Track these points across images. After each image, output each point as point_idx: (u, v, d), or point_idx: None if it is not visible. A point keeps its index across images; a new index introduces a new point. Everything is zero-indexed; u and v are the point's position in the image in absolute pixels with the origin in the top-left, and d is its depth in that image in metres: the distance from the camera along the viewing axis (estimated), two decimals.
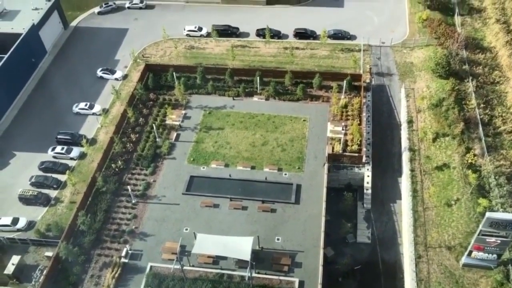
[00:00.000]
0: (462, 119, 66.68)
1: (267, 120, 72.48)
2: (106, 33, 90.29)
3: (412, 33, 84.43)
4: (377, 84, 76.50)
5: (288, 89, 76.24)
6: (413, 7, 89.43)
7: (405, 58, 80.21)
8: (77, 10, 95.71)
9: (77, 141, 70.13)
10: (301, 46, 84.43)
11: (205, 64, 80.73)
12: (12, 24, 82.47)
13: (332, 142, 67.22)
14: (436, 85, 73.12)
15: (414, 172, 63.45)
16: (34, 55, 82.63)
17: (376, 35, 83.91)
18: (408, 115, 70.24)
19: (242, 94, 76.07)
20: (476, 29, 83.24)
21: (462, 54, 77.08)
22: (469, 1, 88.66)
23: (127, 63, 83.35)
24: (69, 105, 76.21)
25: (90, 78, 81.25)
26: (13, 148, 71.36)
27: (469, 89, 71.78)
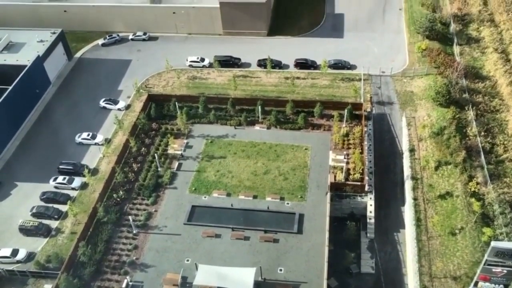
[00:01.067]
0: (463, 147, 66.71)
1: (268, 149, 72.60)
2: (110, 64, 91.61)
3: (411, 62, 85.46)
4: (378, 113, 76.93)
5: (290, 118, 76.68)
6: (412, 37, 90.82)
7: (405, 87, 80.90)
8: (81, 42, 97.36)
9: (79, 171, 70.15)
10: (302, 76, 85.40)
11: (207, 94, 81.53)
12: (18, 56, 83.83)
13: (334, 171, 67.08)
14: (437, 114, 73.47)
15: (417, 201, 63.03)
16: (38, 86, 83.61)
17: (376, 65, 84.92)
18: (409, 144, 70.32)
19: (244, 123, 76.48)
20: (475, 58, 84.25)
21: (462, 82, 77.78)
22: (467, 31, 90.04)
23: (130, 93, 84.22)
24: (72, 135, 76.60)
25: (93, 108, 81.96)
26: (15, 179, 71.32)
27: (469, 117, 72.09)
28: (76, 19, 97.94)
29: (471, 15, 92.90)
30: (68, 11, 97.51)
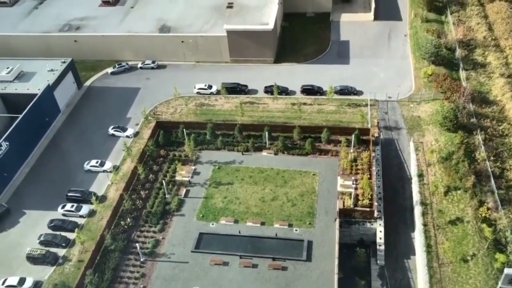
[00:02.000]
0: (472, 172, 66.20)
1: (276, 175, 72.47)
2: (119, 92, 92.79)
3: (418, 87, 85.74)
4: (386, 138, 76.83)
5: (297, 144, 76.77)
6: (417, 62, 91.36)
7: (412, 112, 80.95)
8: (91, 71, 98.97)
9: (87, 199, 70.26)
10: (308, 102, 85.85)
11: (215, 120, 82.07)
12: (29, 85, 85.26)
13: (343, 197, 66.65)
14: (444, 139, 73.24)
15: (427, 227, 62.22)
16: (48, 115, 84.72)
17: (382, 90, 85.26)
18: (418, 169, 69.91)
19: (251, 149, 76.65)
20: (481, 83, 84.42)
21: (469, 107, 77.75)
22: (472, 56, 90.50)
23: (139, 120, 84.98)
24: (81, 163, 77.05)
25: (102, 136, 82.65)
26: (23, 206, 71.55)
27: (477, 142, 71.76)
28: (86, 49, 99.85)
29: (476, 40, 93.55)
30: (78, 41, 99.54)
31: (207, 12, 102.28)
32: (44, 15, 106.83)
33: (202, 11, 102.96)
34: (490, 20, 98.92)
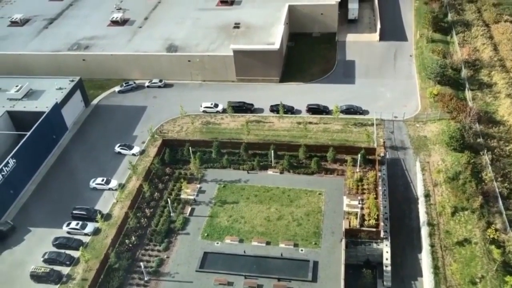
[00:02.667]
0: (480, 192, 65.64)
1: (282, 194, 72.20)
2: (126, 111, 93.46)
3: (424, 107, 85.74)
4: (392, 158, 76.56)
5: (303, 163, 76.64)
6: (423, 82, 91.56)
7: (419, 132, 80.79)
8: (98, 89, 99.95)
9: (92, 217, 70.21)
10: (314, 121, 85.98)
11: (221, 138, 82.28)
12: (37, 103, 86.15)
13: (349, 217, 66.14)
14: (451, 159, 72.88)
15: (434, 248, 61.47)
16: (55, 132, 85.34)
17: (388, 110, 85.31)
18: (424, 189, 69.43)
19: (256, 168, 76.58)
20: (487, 103, 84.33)
21: (475, 127, 77.52)
22: (478, 76, 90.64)
23: (145, 138, 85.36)
24: (87, 180, 77.23)
25: (108, 153, 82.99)
26: (29, 224, 71.56)
27: (485, 162, 71.31)
28: (94, 67, 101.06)
29: (481, 61, 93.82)
30: (87, 59, 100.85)
31: (214, 32, 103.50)
32: (54, 35, 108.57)
33: (209, 31, 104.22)
34: (496, 41, 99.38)
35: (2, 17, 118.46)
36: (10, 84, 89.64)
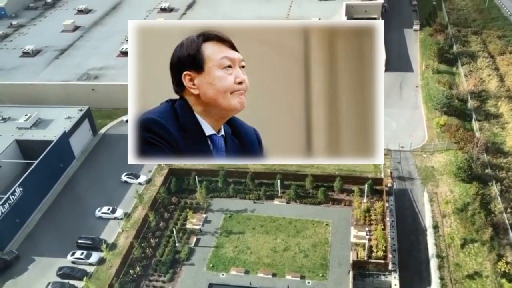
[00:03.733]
0: (490, 224, 64.70)
1: (288, 224, 71.51)
2: None
3: (431, 138, 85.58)
4: (399, 188, 75.97)
5: (309, 193, 76.20)
6: (429, 113, 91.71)
7: (426, 163, 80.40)
8: (106, 118, 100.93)
9: (97, 246, 69.72)
10: None
11: (227, 167, 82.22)
12: (45, 132, 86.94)
13: (356, 248, 65.22)
14: (459, 189, 72.19)
15: (444, 281, 60.18)
16: (62, 161, 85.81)
17: (395, 140, 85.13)
18: (433, 220, 68.55)
19: (263, 197, 76.19)
20: (495, 133, 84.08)
21: (483, 158, 77.08)
22: (485, 107, 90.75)
23: (152, 167, 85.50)
24: (92, 209, 77.07)
25: (114, 182, 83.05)
26: (33, 253, 71.11)
27: (494, 193, 70.55)
28: (102, 97, 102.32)
29: (488, 91, 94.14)
30: (96, 89, 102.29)
31: None
32: (64, 65, 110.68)
33: None
34: (501, 72, 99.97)
35: (14, 48, 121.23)
36: (20, 113, 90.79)
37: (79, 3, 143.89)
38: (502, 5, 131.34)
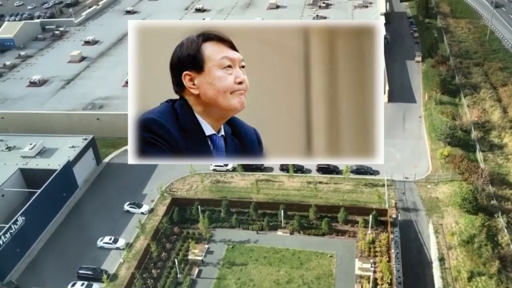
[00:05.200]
0: (497, 257, 63.64)
1: (292, 256, 70.55)
2: (136, 169, 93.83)
3: (435, 168, 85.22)
4: (404, 220, 75.18)
5: (313, 223, 75.45)
6: (433, 143, 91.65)
7: (430, 193, 79.80)
8: (110, 148, 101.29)
9: (98, 277, 68.72)
10: (324, 181, 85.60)
11: (230, 197, 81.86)
12: (49, 161, 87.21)
13: (361, 281, 64.05)
14: (465, 221, 71.36)
15: None
16: (65, 190, 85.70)
17: (399, 171, 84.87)
18: (439, 252, 67.50)
19: (266, 228, 75.43)
20: (499, 165, 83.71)
21: (488, 189, 76.48)
22: (488, 138, 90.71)
23: (154, 197, 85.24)
24: (94, 239, 76.43)
25: (117, 212, 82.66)
26: (33, 283, 70.08)
27: (500, 225, 69.67)
28: (107, 126, 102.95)
29: (491, 122, 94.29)
30: (101, 119, 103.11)
31: None
32: (70, 95, 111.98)
33: None
34: (504, 103, 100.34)
35: (21, 78, 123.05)
36: (25, 142, 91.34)
37: (87, 35, 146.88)
38: (503, 38, 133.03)
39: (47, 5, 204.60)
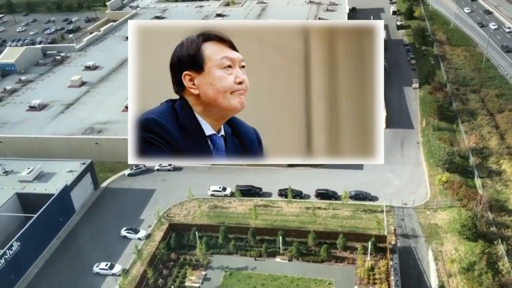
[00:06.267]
0: (498, 284, 62.89)
1: (290, 283, 69.57)
2: (134, 194, 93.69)
3: (433, 195, 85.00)
4: (403, 246, 74.52)
5: (312, 250, 74.72)
6: (431, 169, 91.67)
7: (429, 220, 79.37)
8: (108, 172, 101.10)
9: None
10: (323, 206, 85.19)
11: (228, 223, 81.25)
12: (47, 185, 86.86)
13: None
14: (464, 248, 70.77)
15: None
16: (62, 215, 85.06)
17: (397, 197, 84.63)
18: (439, 280, 66.70)
19: (264, 255, 74.60)
20: (498, 191, 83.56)
21: (488, 216, 76.14)
22: (486, 164, 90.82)
23: (152, 222, 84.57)
24: (90, 265, 75.43)
25: (114, 237, 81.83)
26: None
27: (500, 252, 69.07)
28: (106, 151, 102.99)
29: (489, 149, 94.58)
30: (99, 143, 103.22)
31: None
32: (69, 119, 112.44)
33: None
34: (501, 130, 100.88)
35: (21, 102, 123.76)
36: (23, 166, 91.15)
37: (87, 60, 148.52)
38: (499, 65, 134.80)
39: (49, 31, 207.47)
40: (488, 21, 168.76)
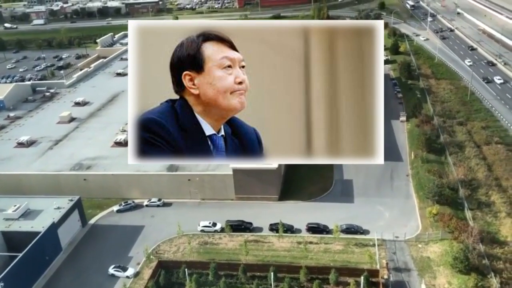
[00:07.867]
0: None
1: None
2: (122, 231, 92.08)
3: (424, 227, 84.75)
4: (396, 280, 73.61)
5: (304, 286, 73.42)
6: (421, 202, 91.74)
7: (421, 253, 78.81)
8: (96, 209, 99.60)
9: None
10: (314, 241, 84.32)
11: (218, 259, 79.81)
12: (33, 223, 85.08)
13: None
14: (458, 281, 70.13)
15: None
16: (48, 253, 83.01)
17: (388, 230, 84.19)
18: None
19: None
20: (488, 223, 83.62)
21: (479, 248, 75.85)
22: (476, 196, 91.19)
23: (140, 259, 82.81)
24: None
25: (101, 276, 79.78)
26: None
27: (493, 285, 68.48)
28: (94, 187, 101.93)
29: (477, 180, 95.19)
30: (88, 179, 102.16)
31: None
32: (57, 155, 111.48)
33: None
34: (489, 161, 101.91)
35: (9, 139, 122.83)
36: (9, 204, 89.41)
37: (77, 96, 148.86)
38: (483, 98, 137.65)
39: (39, 68, 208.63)
40: (471, 56, 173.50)
